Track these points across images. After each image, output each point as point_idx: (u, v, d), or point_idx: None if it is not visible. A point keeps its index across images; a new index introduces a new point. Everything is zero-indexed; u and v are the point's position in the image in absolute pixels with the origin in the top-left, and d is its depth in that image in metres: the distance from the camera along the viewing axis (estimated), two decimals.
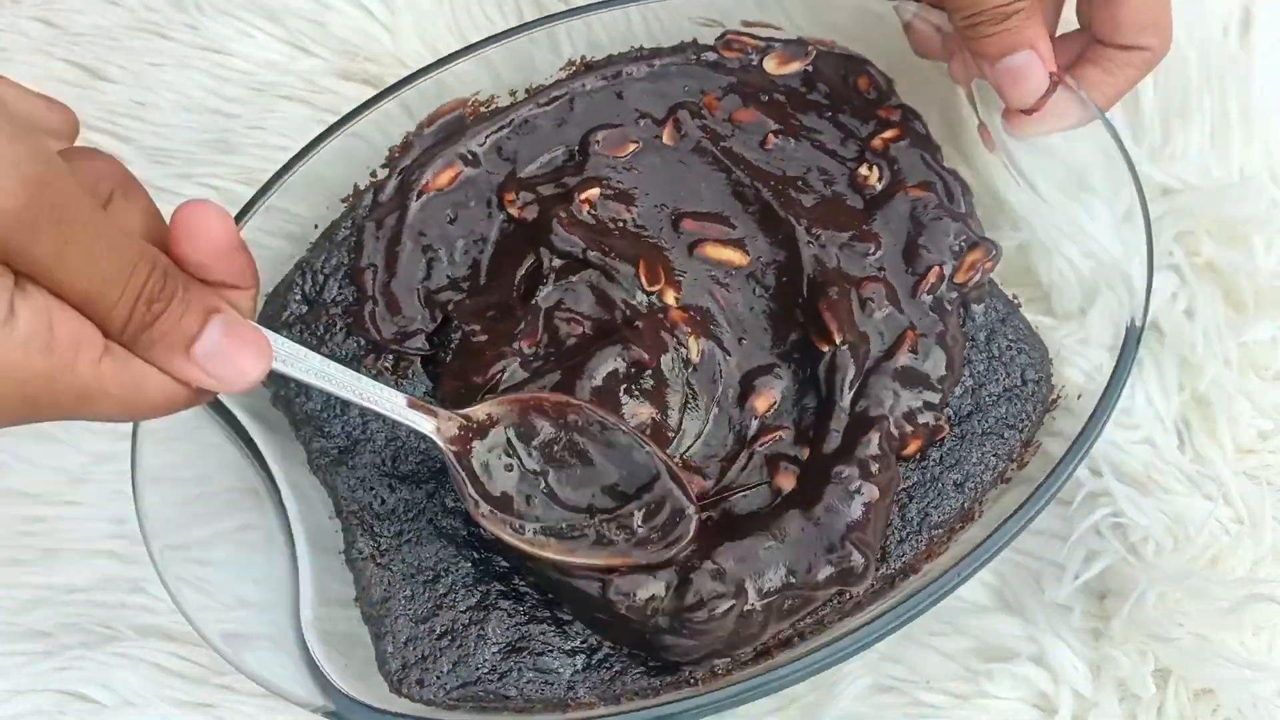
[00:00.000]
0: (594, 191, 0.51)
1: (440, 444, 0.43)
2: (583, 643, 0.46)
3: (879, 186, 0.53)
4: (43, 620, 0.52)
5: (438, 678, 0.45)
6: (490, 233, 0.52)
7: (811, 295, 0.49)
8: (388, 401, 0.42)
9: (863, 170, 0.53)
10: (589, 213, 0.51)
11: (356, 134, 0.51)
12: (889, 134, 0.54)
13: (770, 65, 0.55)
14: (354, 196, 0.52)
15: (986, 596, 0.51)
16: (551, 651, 0.46)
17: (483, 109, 0.54)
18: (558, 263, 0.49)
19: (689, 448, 0.48)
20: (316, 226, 0.52)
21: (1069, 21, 0.52)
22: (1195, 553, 0.48)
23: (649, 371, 0.48)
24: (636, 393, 0.47)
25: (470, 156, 0.52)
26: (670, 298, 0.49)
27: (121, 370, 0.34)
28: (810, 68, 0.55)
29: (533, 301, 0.49)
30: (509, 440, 0.45)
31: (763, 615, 0.44)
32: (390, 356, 0.50)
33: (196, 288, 0.35)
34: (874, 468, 0.46)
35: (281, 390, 0.49)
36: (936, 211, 0.51)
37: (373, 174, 0.52)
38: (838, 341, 0.48)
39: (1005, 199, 0.53)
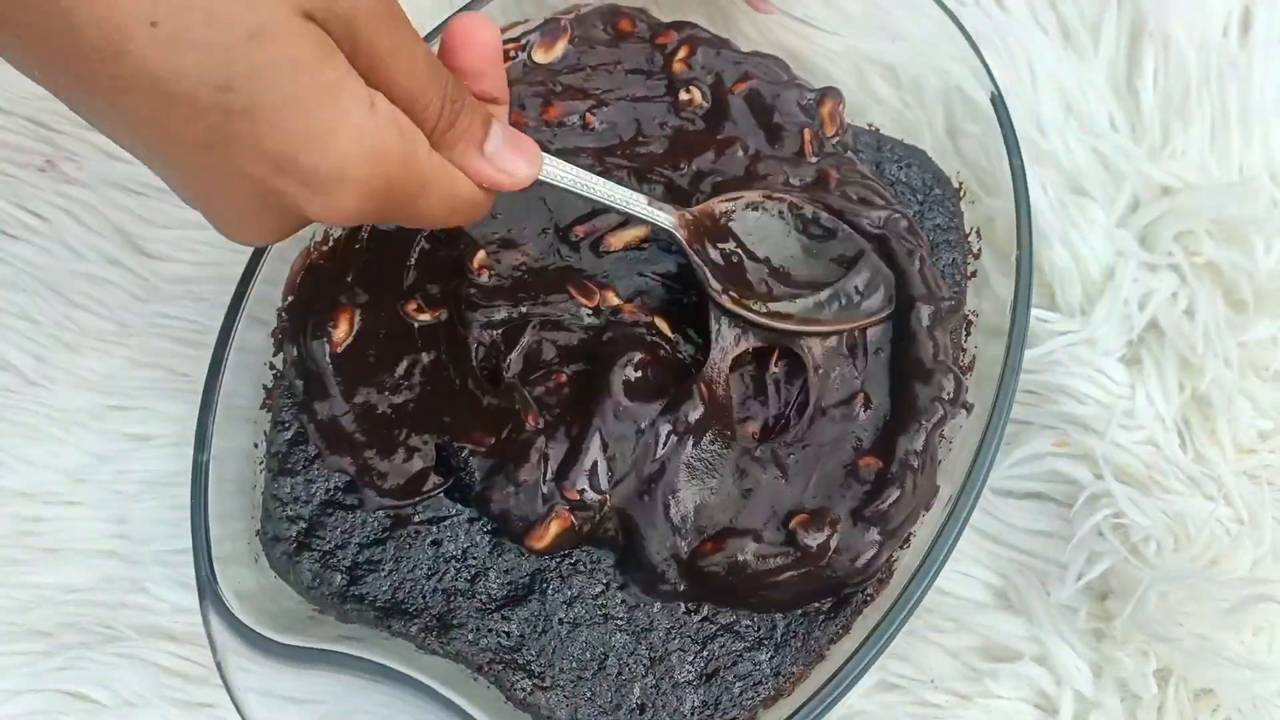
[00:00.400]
0: (481, 255, 0.50)
1: (680, 238, 0.47)
2: (759, 633, 0.46)
3: (707, 102, 0.54)
4: (43, 620, 0.52)
5: None
6: (417, 349, 0.49)
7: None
8: (635, 202, 0.46)
9: (683, 96, 0.54)
10: (491, 276, 0.50)
11: None
12: (681, 53, 0.54)
13: (540, 56, 0.55)
14: (267, 398, 0.49)
15: (991, 596, 0.51)
16: (740, 658, 0.46)
17: (324, 248, 0.51)
18: (498, 334, 0.48)
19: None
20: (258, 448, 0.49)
21: None
22: (1196, 553, 0.48)
23: (649, 367, 0.47)
24: (656, 386, 0.47)
25: (350, 295, 0.49)
26: (613, 299, 0.49)
27: (442, 164, 0.37)
28: (575, 39, 0.55)
29: (506, 382, 0.47)
30: (735, 233, 0.49)
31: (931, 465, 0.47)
32: (420, 507, 0.48)
33: (474, 98, 0.38)
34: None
35: (348, 604, 0.47)
36: (770, 90, 0.53)
37: (270, 365, 0.50)
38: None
39: (813, 51, 0.56)
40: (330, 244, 0.51)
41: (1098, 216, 0.54)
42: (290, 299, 0.50)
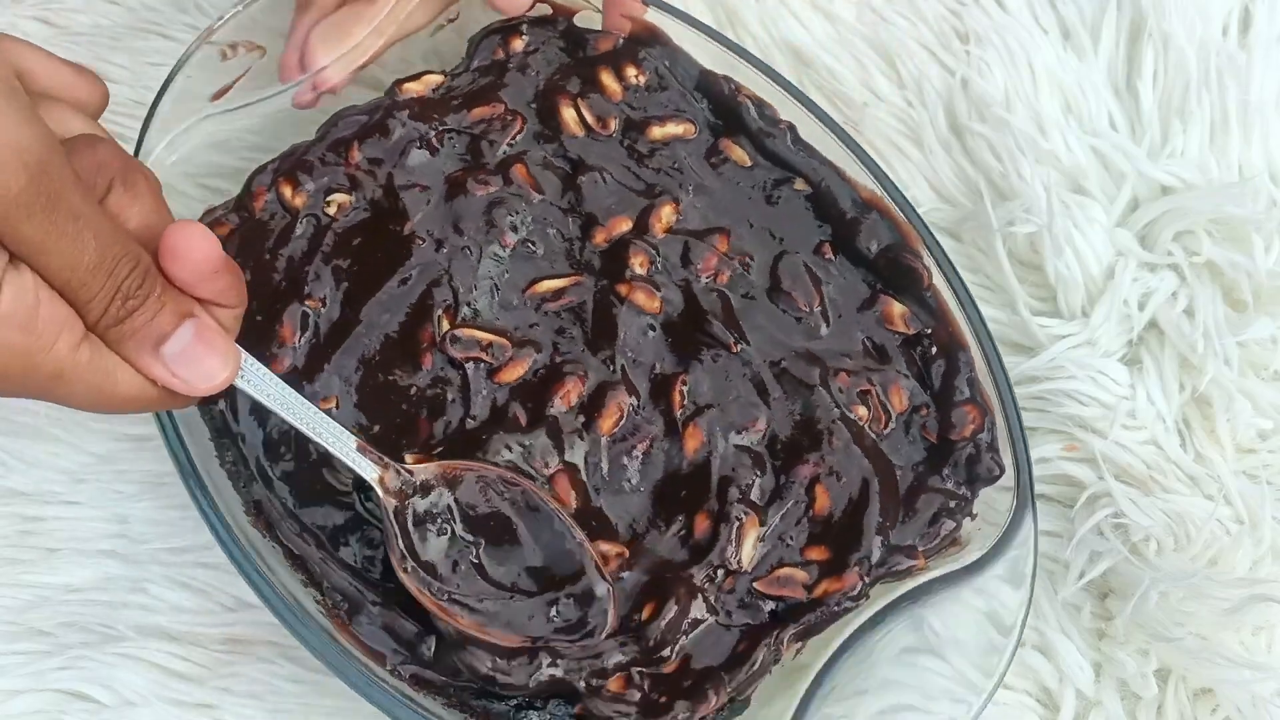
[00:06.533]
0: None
1: (380, 494, 0.43)
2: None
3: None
4: (43, 620, 0.52)
5: None
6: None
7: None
8: (339, 441, 0.42)
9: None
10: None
11: None
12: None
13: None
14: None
15: None
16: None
17: None
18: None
19: None
20: None
21: None
22: (1196, 553, 0.48)
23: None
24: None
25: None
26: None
27: (97, 359, 0.35)
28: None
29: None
30: (448, 505, 0.44)
31: None
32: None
33: (175, 291, 0.36)
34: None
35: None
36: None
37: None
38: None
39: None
40: None
41: (1098, 216, 0.54)
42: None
